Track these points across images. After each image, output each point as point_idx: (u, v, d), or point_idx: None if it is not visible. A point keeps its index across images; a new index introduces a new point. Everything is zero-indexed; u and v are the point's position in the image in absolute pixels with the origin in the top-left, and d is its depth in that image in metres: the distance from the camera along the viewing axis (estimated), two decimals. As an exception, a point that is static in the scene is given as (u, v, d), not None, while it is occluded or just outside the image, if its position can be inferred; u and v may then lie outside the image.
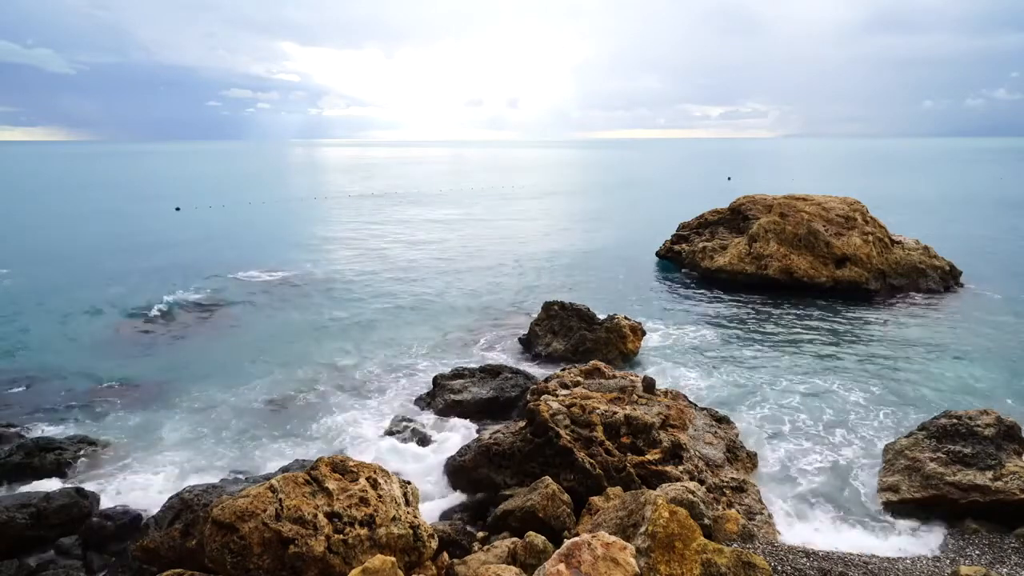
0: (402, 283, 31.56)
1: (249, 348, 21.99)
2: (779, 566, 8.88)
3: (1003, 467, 11.72)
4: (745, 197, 35.01)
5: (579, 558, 7.24)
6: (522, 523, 10.59)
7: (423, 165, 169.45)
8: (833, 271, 28.79)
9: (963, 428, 12.59)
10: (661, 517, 7.93)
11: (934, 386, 18.02)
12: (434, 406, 16.81)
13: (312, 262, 36.78)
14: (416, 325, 24.60)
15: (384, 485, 9.48)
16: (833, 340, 21.98)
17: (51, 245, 42.69)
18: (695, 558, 7.73)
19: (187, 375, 19.56)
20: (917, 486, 12.07)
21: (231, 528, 8.41)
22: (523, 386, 16.96)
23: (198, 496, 10.64)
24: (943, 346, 21.22)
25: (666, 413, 13.74)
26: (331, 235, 47.25)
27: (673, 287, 30.22)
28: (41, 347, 21.98)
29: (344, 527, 8.65)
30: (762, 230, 30.20)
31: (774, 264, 29.23)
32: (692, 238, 35.11)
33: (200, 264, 35.80)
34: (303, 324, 24.77)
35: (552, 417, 12.76)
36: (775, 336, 22.50)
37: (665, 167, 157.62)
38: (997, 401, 16.64)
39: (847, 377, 18.68)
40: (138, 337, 23.24)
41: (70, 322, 24.93)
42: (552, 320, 21.49)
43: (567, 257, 37.93)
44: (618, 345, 20.09)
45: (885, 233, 30.78)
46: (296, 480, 9.11)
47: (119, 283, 31.26)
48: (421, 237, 45.84)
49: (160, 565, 9.61)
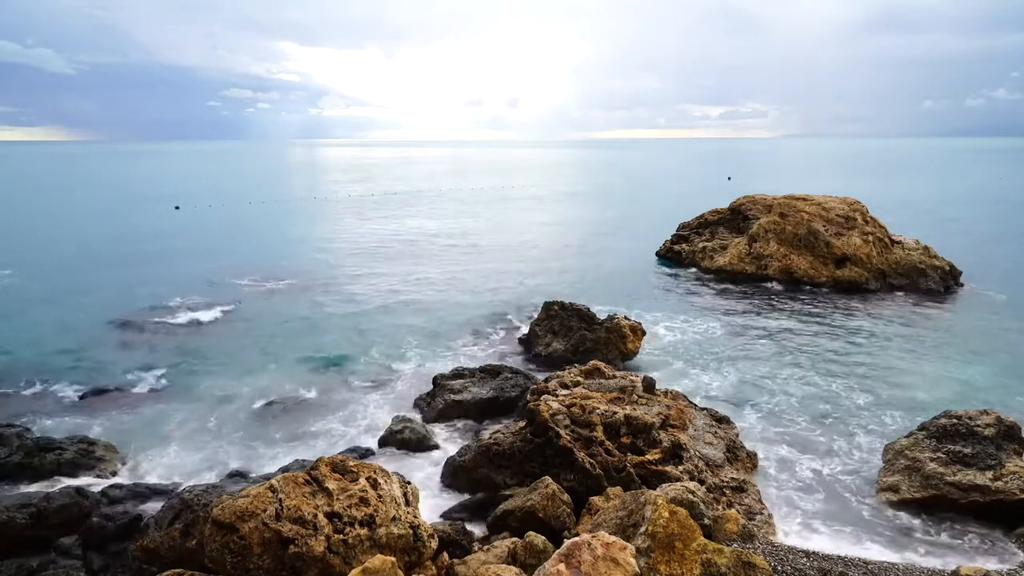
0: (402, 283, 31.56)
1: (249, 348, 22.00)
2: (779, 566, 8.88)
3: (1003, 467, 11.73)
4: (745, 197, 35.04)
5: (579, 558, 7.24)
6: (522, 523, 10.59)
7: (423, 165, 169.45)
8: (833, 271, 28.80)
9: (963, 428, 12.59)
10: (661, 517, 7.93)
11: (934, 386, 18.02)
12: (434, 406, 16.80)
13: (312, 262, 36.79)
14: (416, 325, 24.60)
15: (384, 485, 9.47)
16: (833, 340, 21.98)
17: (51, 245, 42.70)
18: (695, 558, 7.73)
19: (187, 375, 19.58)
20: (917, 486, 12.07)
21: (231, 528, 8.41)
22: (523, 386, 16.95)
23: (198, 496, 10.63)
24: (943, 346, 21.22)
25: (666, 413, 13.74)
26: (331, 235, 47.26)
27: (673, 287, 30.21)
28: (41, 347, 21.98)
29: (344, 527, 8.65)
30: (762, 230, 30.21)
31: (774, 264, 29.25)
32: (692, 238, 35.12)
33: (200, 264, 35.81)
34: (303, 324, 24.78)
35: (552, 417, 12.76)
36: (775, 336, 22.50)
37: (665, 167, 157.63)
38: (997, 401, 16.64)
39: (847, 377, 18.68)
40: (138, 337, 23.25)
41: (70, 322, 24.93)
42: (552, 320, 21.50)
43: (567, 257, 37.93)
44: (618, 345, 20.10)
45: (885, 233, 30.79)
46: (296, 480, 9.11)
47: (118, 283, 31.27)
48: (421, 237, 45.85)
49: (160, 565, 9.60)
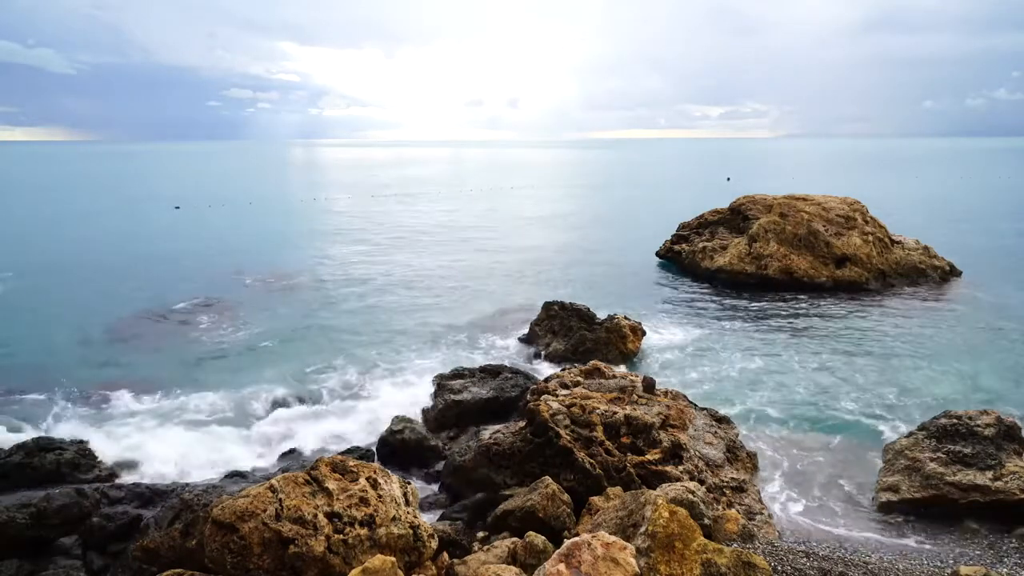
0: (402, 283, 31.55)
1: (249, 347, 22.01)
2: (779, 566, 8.87)
3: (1003, 467, 11.72)
4: (745, 197, 35.00)
5: (579, 558, 7.24)
6: (522, 523, 10.58)
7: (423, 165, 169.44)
8: (833, 271, 28.80)
9: (963, 428, 12.59)
10: (661, 517, 7.93)
11: (934, 386, 18.01)
12: (434, 406, 16.80)
13: (312, 262, 36.78)
14: (416, 324, 24.61)
15: (384, 485, 9.47)
16: (833, 340, 21.98)
17: (51, 245, 42.68)
18: (695, 558, 7.72)
19: (187, 375, 19.58)
20: (917, 486, 12.07)
21: (231, 528, 8.41)
22: (523, 386, 16.95)
23: (198, 496, 10.62)
24: (943, 346, 21.21)
25: (666, 413, 13.73)
26: (331, 235, 47.24)
27: (673, 287, 30.21)
28: (41, 347, 21.98)
29: (344, 527, 8.65)
30: (762, 230, 30.20)
31: (774, 264, 29.23)
32: (692, 238, 35.10)
33: (200, 264, 35.81)
34: (302, 324, 24.77)
35: (552, 417, 12.76)
36: (775, 336, 22.50)
37: (665, 167, 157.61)
38: (997, 401, 16.64)
39: (847, 377, 18.68)
40: (138, 336, 23.25)
41: (70, 322, 24.92)
42: (552, 320, 21.49)
43: (567, 257, 37.91)
44: (618, 345, 20.09)
45: (885, 233, 30.78)
46: (296, 480, 9.10)
47: (118, 283, 31.26)
48: (421, 237, 45.83)
49: (160, 565, 9.59)
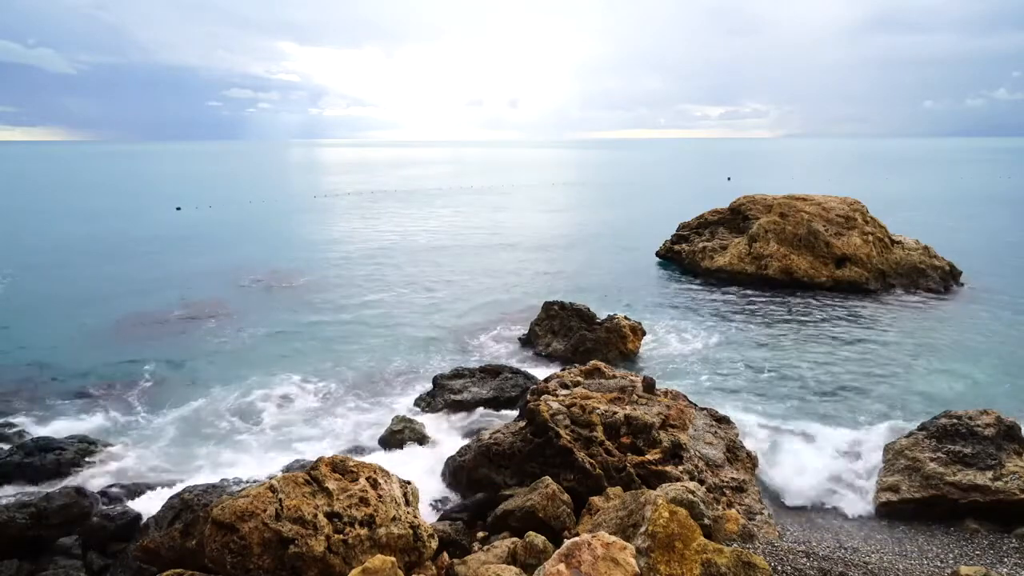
0: (402, 282, 31.55)
1: (249, 347, 22.00)
2: (779, 566, 8.87)
3: (1003, 467, 11.72)
4: (745, 197, 35.01)
5: (579, 558, 7.24)
6: (522, 523, 10.58)
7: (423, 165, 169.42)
8: (833, 271, 28.79)
9: (963, 428, 12.59)
10: (661, 517, 7.93)
11: (934, 386, 18.01)
12: (434, 406, 16.80)
13: (312, 261, 36.78)
14: (416, 324, 24.60)
15: (384, 485, 9.47)
16: (833, 340, 21.98)
17: (51, 245, 42.68)
18: (695, 558, 7.72)
19: (187, 375, 19.58)
20: (917, 486, 12.06)
21: (231, 528, 8.41)
22: (523, 386, 16.95)
23: (198, 496, 10.63)
24: (943, 346, 21.21)
25: (666, 413, 13.73)
26: (331, 235, 47.24)
27: (673, 287, 30.21)
28: (41, 347, 21.97)
29: (344, 527, 8.65)
30: (762, 230, 30.21)
31: (774, 264, 29.23)
32: (692, 238, 35.10)
33: (200, 264, 35.81)
34: (302, 324, 24.77)
35: (552, 417, 12.76)
36: (775, 336, 22.50)
37: (665, 167, 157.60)
38: (997, 401, 16.62)
39: (847, 377, 18.68)
40: (138, 337, 23.24)
41: (70, 321, 24.92)
42: (552, 320, 21.49)
43: (567, 257, 37.92)
44: (618, 345, 20.09)
45: (885, 233, 30.78)
46: (296, 480, 9.11)
47: (119, 283, 31.27)
48: (421, 237, 45.83)
49: (160, 565, 9.60)
